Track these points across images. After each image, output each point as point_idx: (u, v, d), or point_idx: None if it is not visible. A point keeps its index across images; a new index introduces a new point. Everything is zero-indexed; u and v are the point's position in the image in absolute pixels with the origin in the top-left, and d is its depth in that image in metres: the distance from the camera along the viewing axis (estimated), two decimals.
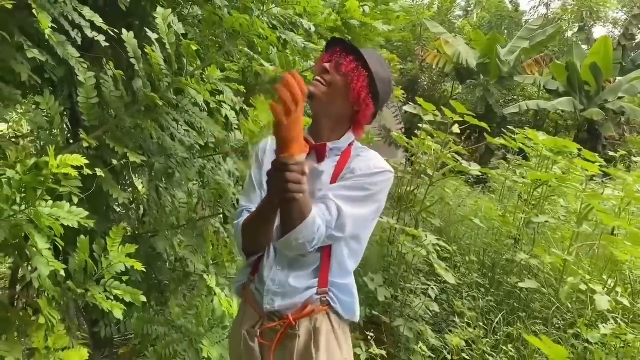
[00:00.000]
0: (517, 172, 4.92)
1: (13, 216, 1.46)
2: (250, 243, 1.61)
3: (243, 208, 1.65)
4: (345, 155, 1.63)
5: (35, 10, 1.47)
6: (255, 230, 1.56)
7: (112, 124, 1.82)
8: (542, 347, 1.22)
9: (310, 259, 1.58)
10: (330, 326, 1.61)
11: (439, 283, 3.86)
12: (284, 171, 1.28)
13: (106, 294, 1.77)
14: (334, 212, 1.48)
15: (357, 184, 1.54)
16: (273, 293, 1.59)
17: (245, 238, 1.60)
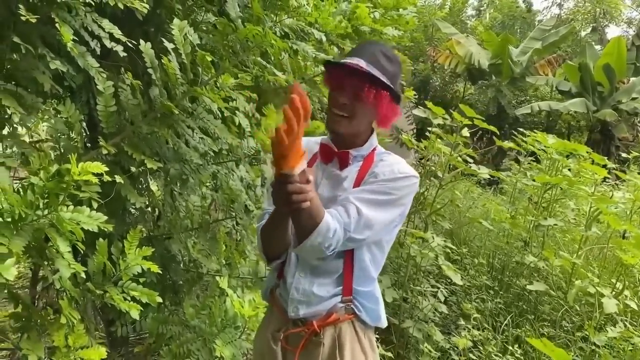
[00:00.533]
0: (528, 174, 4.93)
1: (36, 220, 1.53)
2: (268, 247, 1.63)
3: (265, 211, 1.66)
4: (368, 161, 1.62)
5: (57, 23, 1.54)
6: (270, 236, 1.59)
7: (129, 130, 1.89)
8: (544, 349, 1.26)
9: (332, 266, 1.58)
10: (354, 334, 1.62)
11: (449, 285, 3.90)
12: (285, 183, 1.26)
13: (123, 294, 1.84)
14: (353, 214, 1.46)
15: (379, 188, 1.52)
16: (297, 301, 1.60)
17: (263, 242, 1.63)
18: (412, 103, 11.60)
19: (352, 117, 1.52)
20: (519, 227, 4.17)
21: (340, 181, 1.60)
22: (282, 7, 1.90)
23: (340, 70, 1.51)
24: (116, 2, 1.67)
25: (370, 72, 1.46)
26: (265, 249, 1.64)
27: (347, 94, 1.50)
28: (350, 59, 1.49)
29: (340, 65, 1.51)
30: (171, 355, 2.33)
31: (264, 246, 1.64)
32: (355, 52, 1.55)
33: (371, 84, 1.47)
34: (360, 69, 1.45)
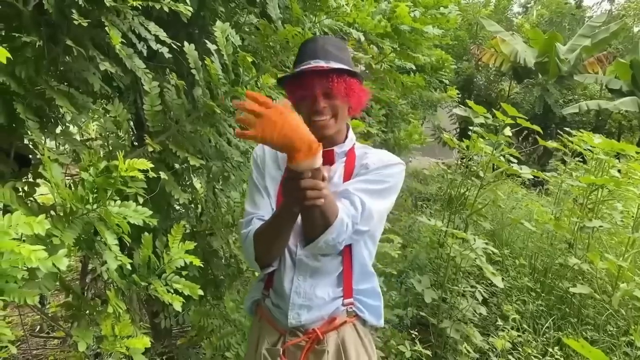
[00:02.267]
0: (574, 175, 4.80)
1: (86, 214, 1.61)
2: (264, 252, 1.52)
3: (252, 216, 1.57)
4: (350, 155, 1.62)
5: (107, 27, 1.61)
6: (271, 239, 1.49)
7: (174, 129, 1.96)
8: (581, 350, 1.25)
9: (332, 266, 1.55)
10: (357, 336, 1.59)
11: (489, 286, 3.85)
12: (298, 179, 1.21)
13: (167, 287, 1.91)
14: (358, 205, 1.45)
15: (375, 177, 1.52)
16: (299, 306, 1.54)
17: (258, 247, 1.51)
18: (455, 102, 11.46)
19: (335, 116, 1.52)
20: (563, 229, 4.08)
21: (330, 179, 1.57)
22: (321, 7, 1.93)
23: (301, 78, 1.50)
24: (162, 6, 1.74)
25: (332, 67, 1.48)
26: (260, 255, 1.53)
27: (320, 97, 1.49)
28: (306, 65, 1.50)
29: (299, 73, 1.50)
30: (212, 348, 2.40)
31: (260, 252, 1.52)
32: (304, 56, 1.54)
33: (338, 77, 1.47)
34: (322, 68, 1.47)
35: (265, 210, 1.56)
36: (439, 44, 5.43)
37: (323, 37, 1.65)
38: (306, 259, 1.54)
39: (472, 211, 3.50)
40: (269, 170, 1.61)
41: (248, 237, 1.52)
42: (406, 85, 3.48)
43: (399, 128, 7.64)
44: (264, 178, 1.61)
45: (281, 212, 1.42)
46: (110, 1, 1.61)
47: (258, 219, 1.54)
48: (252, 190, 1.63)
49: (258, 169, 1.64)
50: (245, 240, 1.54)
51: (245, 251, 1.55)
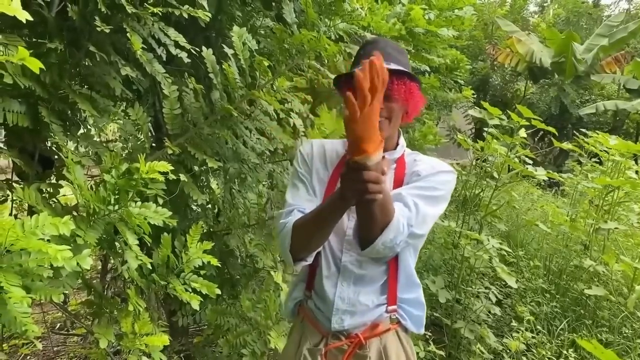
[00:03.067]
0: (589, 176, 4.78)
1: (107, 215, 1.66)
2: (301, 245, 1.48)
3: (293, 207, 1.54)
4: (400, 162, 1.59)
5: (128, 33, 1.66)
6: (313, 232, 1.45)
7: (192, 132, 2.00)
8: (594, 351, 1.26)
9: (377, 274, 1.53)
10: (399, 344, 1.57)
11: (504, 287, 3.85)
12: (361, 170, 1.15)
13: (185, 286, 1.95)
14: (412, 207, 1.42)
15: (427, 184, 1.50)
16: (342, 312, 1.53)
17: (296, 239, 1.46)
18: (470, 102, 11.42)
19: (389, 119, 1.49)
20: (578, 230, 4.06)
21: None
22: (337, 12, 1.97)
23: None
24: (181, 12, 1.79)
25: (395, 69, 1.45)
26: (297, 247, 1.48)
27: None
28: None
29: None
30: (228, 346, 2.44)
31: (297, 244, 1.47)
32: (363, 57, 1.48)
33: (398, 79, 1.46)
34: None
35: (308, 205, 1.52)
36: (454, 44, 5.43)
37: (384, 39, 1.61)
38: (351, 265, 1.52)
39: (487, 212, 3.51)
40: (317, 169, 1.60)
41: (286, 227, 1.48)
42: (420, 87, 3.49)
43: (413, 129, 7.64)
44: (311, 175, 1.60)
45: (332, 204, 1.36)
46: (131, 8, 1.66)
47: (299, 211, 1.51)
48: (296, 184, 1.61)
49: (306, 165, 1.62)
50: (283, 229, 1.49)
51: (281, 241, 1.50)
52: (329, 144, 1.67)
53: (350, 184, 1.20)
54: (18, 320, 1.18)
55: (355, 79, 1.10)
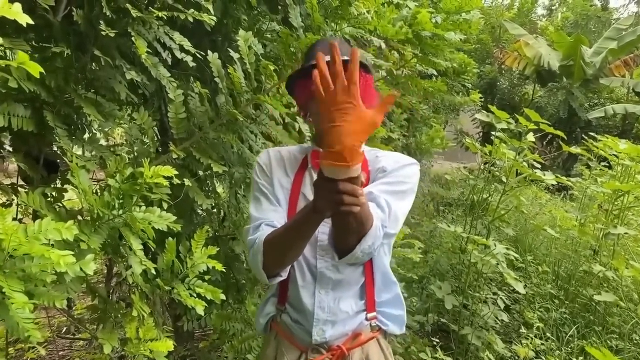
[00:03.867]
0: (598, 180, 4.73)
1: (112, 219, 1.65)
2: (275, 261, 1.39)
3: (260, 221, 1.45)
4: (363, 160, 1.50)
5: (134, 37, 1.66)
6: (286, 247, 1.35)
7: (197, 136, 2.00)
8: (603, 358, 1.24)
9: (354, 277, 1.48)
10: (380, 351, 1.54)
11: (512, 293, 3.82)
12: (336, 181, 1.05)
13: (190, 291, 1.94)
14: (385, 208, 1.37)
15: (394, 179, 1.45)
16: (323, 322, 1.47)
17: (269, 255, 1.37)
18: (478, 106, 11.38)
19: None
20: (587, 235, 4.02)
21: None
22: (343, 16, 1.95)
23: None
24: (186, 16, 1.78)
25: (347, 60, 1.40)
26: (271, 263, 1.39)
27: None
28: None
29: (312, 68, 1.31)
30: (233, 351, 2.42)
31: (271, 260, 1.38)
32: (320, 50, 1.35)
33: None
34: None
35: (274, 216, 1.46)
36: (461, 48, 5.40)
37: (329, 37, 1.61)
38: (327, 271, 1.46)
39: (495, 217, 3.47)
40: (277, 177, 1.54)
41: (257, 244, 1.39)
42: (427, 91, 3.48)
43: (420, 132, 7.62)
44: (272, 185, 1.53)
45: (305, 216, 1.26)
46: (136, 12, 1.65)
47: (267, 225, 1.43)
48: (258, 196, 1.53)
49: (265, 175, 1.56)
50: (253, 246, 1.41)
51: (253, 259, 1.42)
52: (285, 151, 1.63)
53: (325, 194, 1.10)
54: (21, 326, 1.17)
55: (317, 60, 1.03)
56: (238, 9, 2.38)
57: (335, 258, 1.39)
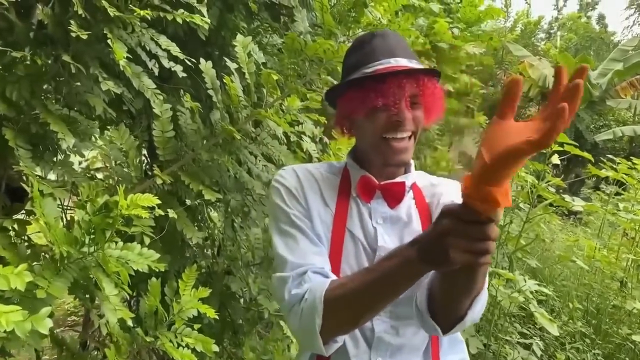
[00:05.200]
0: (621, 205, 4.44)
1: (82, 259, 1.37)
2: (344, 324, 1.04)
3: (305, 268, 1.09)
4: (416, 188, 1.26)
5: (110, 40, 1.39)
6: (365, 307, 1.01)
7: (188, 158, 1.72)
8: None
9: (419, 340, 1.19)
10: None
11: (536, 329, 3.49)
12: (487, 225, 0.77)
13: (177, 340, 1.66)
14: None
15: None
16: None
17: (335, 316, 1.01)
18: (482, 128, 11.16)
19: (414, 135, 1.18)
20: (613, 266, 3.71)
21: (405, 223, 1.20)
22: (357, 19, 1.69)
23: (379, 82, 1.12)
24: (178, 22, 1.51)
25: (426, 68, 1.18)
26: (335, 327, 1.03)
27: (407, 105, 1.12)
28: (384, 64, 1.14)
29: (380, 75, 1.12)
30: None
31: (334, 323, 1.02)
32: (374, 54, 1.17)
33: (430, 80, 1.16)
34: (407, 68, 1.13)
35: (320, 261, 1.11)
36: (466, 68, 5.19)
37: (388, 31, 1.26)
38: (387, 335, 1.16)
39: (517, 247, 3.18)
40: (315, 208, 1.19)
41: (310, 301, 1.02)
42: None
43: (424, 154, 7.38)
44: (309, 218, 1.17)
45: (403, 269, 0.92)
46: (114, 11, 1.39)
47: (316, 273, 1.08)
48: (292, 233, 1.15)
49: (297, 203, 1.19)
50: (303, 303, 1.04)
51: (305, 320, 1.03)
52: (315, 170, 1.28)
53: (460, 241, 0.78)
54: None
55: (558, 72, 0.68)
56: (236, 16, 2.13)
57: (440, 333, 1.05)
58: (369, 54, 1.18)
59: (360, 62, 1.19)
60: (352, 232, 1.18)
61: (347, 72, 1.23)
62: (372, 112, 1.14)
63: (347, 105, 1.20)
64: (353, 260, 1.16)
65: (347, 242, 1.18)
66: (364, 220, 1.20)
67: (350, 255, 1.16)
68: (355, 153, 1.29)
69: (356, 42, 1.26)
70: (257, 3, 2.09)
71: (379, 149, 1.16)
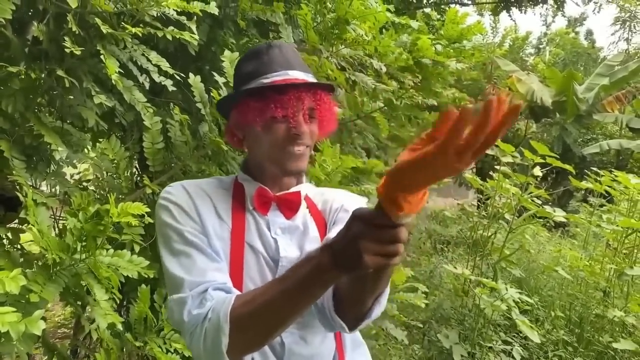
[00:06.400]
0: (604, 217, 4.53)
1: (73, 265, 1.42)
2: (252, 342, 0.98)
3: (205, 285, 1.01)
4: (307, 197, 1.26)
5: (103, 56, 1.46)
6: (276, 320, 0.95)
7: (177, 168, 1.78)
8: None
9: (325, 348, 1.18)
10: None
11: (520, 338, 3.55)
12: (398, 228, 0.78)
13: (166, 346, 1.70)
14: None
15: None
16: None
17: (243, 334, 0.94)
18: None
19: (310, 146, 1.18)
20: (597, 276, 3.78)
21: (302, 233, 1.19)
22: (340, 36, 1.76)
23: (279, 93, 1.10)
24: (164, 34, 1.58)
25: (320, 83, 1.18)
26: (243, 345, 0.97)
27: (305, 119, 1.13)
28: (282, 75, 1.13)
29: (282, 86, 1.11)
30: None
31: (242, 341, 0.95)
32: (272, 65, 1.15)
33: (326, 95, 1.17)
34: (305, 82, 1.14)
35: (220, 277, 1.04)
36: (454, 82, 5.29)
37: (283, 42, 1.26)
38: (297, 346, 1.13)
39: (501, 257, 3.24)
40: (210, 223, 1.12)
41: (214, 320, 0.95)
42: (428, 123, 3.31)
43: None
44: (205, 234, 1.09)
45: (316, 276, 0.89)
46: (107, 28, 1.45)
47: (217, 290, 1.01)
48: (186, 251, 1.06)
49: (189, 220, 1.10)
50: (206, 323, 0.96)
51: (209, 341, 0.95)
52: (205, 185, 1.22)
53: (371, 246, 0.79)
54: None
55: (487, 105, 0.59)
56: (226, 32, 2.20)
57: (346, 330, 1.05)
58: (266, 64, 1.16)
59: (257, 71, 1.16)
60: (252, 245, 1.14)
61: (242, 81, 1.19)
62: (270, 123, 1.12)
63: (243, 115, 1.16)
64: (255, 274, 1.12)
65: (247, 255, 1.13)
66: (262, 232, 1.17)
67: (252, 269, 1.12)
68: (248, 166, 1.25)
69: (251, 52, 1.23)
70: (245, 20, 2.17)
71: (277, 159, 1.15)
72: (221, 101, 1.24)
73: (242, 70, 1.21)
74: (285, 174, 1.18)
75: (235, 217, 1.16)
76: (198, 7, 1.58)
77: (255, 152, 1.20)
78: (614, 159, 15.47)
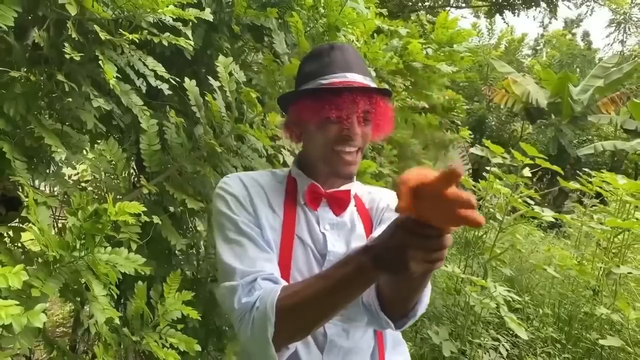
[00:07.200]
0: (595, 217, 4.60)
1: (73, 262, 1.48)
2: (297, 331, 1.03)
3: (254, 275, 1.06)
4: (356, 196, 1.32)
5: (101, 61, 1.52)
6: (320, 313, 0.99)
7: (173, 169, 1.84)
8: None
9: (364, 342, 1.24)
10: None
11: (511, 336, 3.62)
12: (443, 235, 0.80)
13: (162, 341, 1.75)
14: None
15: None
16: None
17: (289, 324, 0.99)
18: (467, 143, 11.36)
19: (361, 149, 1.23)
20: (587, 275, 3.85)
21: (350, 229, 1.25)
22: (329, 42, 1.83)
23: (335, 95, 1.15)
24: (160, 40, 1.64)
25: (380, 88, 1.22)
26: (288, 334, 1.01)
27: (358, 121, 1.17)
28: (340, 78, 1.17)
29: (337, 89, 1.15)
30: None
31: (288, 330, 1.00)
32: (331, 67, 1.20)
33: (382, 100, 1.21)
34: (363, 85, 1.18)
35: (270, 268, 1.10)
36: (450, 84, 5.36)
37: (347, 45, 1.28)
38: (339, 338, 1.18)
39: (492, 256, 3.31)
40: (263, 214, 1.18)
41: (261, 309, 1.00)
42: (419, 125, 3.37)
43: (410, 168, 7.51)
44: (259, 225, 1.16)
45: (356, 274, 0.93)
46: (105, 34, 1.51)
47: (266, 280, 1.06)
48: (240, 240, 1.13)
49: (243, 210, 1.17)
50: (254, 312, 1.01)
51: (255, 329, 1.00)
52: (259, 177, 1.29)
53: (419, 254, 0.81)
54: None
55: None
56: (221, 37, 2.26)
57: (392, 327, 1.09)
58: (326, 65, 1.20)
59: (317, 72, 1.20)
60: (302, 238, 1.20)
61: (302, 80, 1.25)
62: (324, 123, 1.17)
63: (300, 113, 1.22)
64: (303, 266, 1.17)
65: (296, 247, 1.19)
66: (311, 226, 1.22)
67: (300, 261, 1.17)
68: (301, 162, 1.31)
69: (314, 51, 1.27)
70: (240, 25, 2.23)
71: (329, 160, 1.20)
72: (281, 97, 1.31)
73: (303, 70, 1.27)
74: (335, 176, 1.24)
75: (287, 210, 1.23)
76: (193, 14, 1.64)
77: (309, 150, 1.27)
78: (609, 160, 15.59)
